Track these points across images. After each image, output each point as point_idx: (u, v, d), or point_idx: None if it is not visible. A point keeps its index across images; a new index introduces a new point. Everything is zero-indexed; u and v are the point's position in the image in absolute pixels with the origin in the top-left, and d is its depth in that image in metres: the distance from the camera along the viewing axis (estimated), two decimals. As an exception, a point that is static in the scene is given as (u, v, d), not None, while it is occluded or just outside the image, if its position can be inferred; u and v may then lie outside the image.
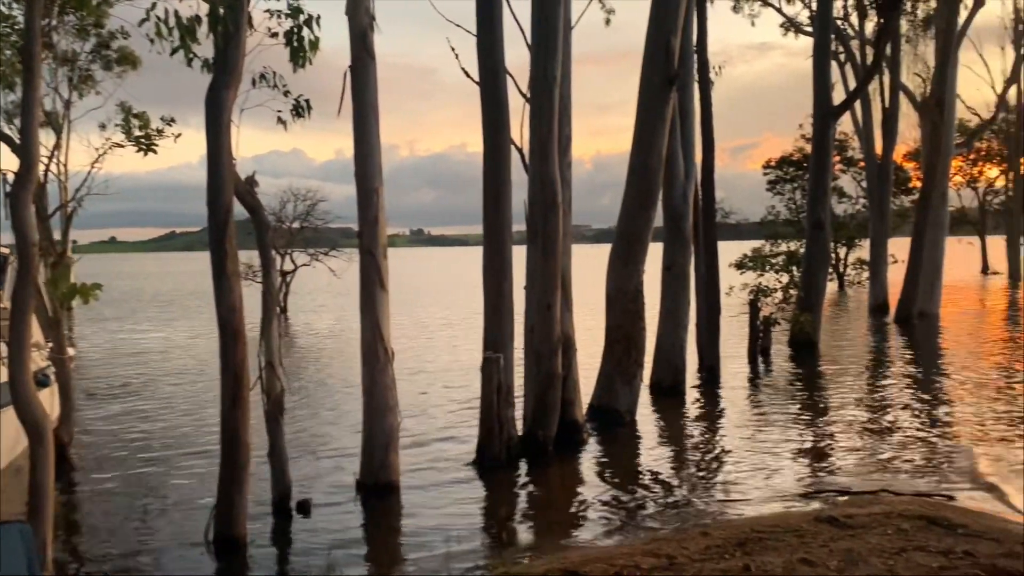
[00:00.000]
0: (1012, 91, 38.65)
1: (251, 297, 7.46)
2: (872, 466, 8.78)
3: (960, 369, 15.17)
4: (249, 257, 12.12)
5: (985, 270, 47.64)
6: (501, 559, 6.29)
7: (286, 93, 7.41)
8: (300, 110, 7.45)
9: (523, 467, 8.87)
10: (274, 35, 7.17)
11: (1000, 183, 47.24)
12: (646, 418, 11.31)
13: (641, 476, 8.73)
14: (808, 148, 23.74)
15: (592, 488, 8.26)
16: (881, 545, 5.86)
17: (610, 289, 11.07)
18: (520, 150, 9.65)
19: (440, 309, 30.22)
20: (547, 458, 9.09)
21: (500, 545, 6.72)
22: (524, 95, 9.58)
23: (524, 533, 7.16)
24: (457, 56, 10.19)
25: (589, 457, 9.50)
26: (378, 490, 7.70)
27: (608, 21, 19.46)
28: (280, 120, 7.51)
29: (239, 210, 6.94)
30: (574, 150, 10.15)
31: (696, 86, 13.38)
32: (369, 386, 7.73)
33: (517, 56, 9.67)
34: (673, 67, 10.61)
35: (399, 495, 7.78)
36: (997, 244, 45.67)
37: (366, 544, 6.84)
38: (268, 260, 7.37)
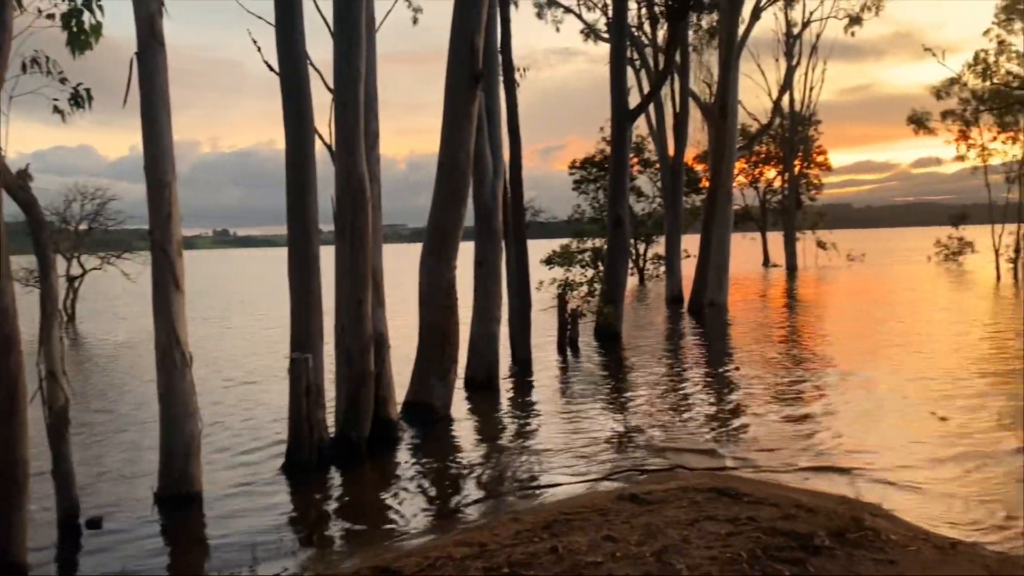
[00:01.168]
0: (785, 98, 42.58)
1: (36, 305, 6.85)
2: (670, 444, 9.37)
3: (745, 352, 16.53)
4: (32, 261, 11.09)
5: (766, 263, 52.10)
6: (311, 563, 6.15)
7: (63, 80, 6.85)
8: (79, 100, 6.90)
9: (335, 469, 8.70)
10: (50, 16, 6.61)
11: (778, 183, 51.85)
12: (461, 412, 11.44)
13: (456, 470, 8.82)
14: (609, 150, 24.95)
15: (407, 485, 8.25)
16: (677, 517, 6.27)
17: (423, 286, 11.10)
18: (329, 146, 9.48)
19: (247, 310, 29.00)
20: (361, 458, 8.96)
21: (311, 549, 6.56)
22: (331, 89, 9.41)
23: (337, 535, 7.02)
24: (259, 49, 9.87)
25: (404, 455, 9.47)
26: (178, 502, 7.29)
27: (415, 20, 19.49)
28: (57, 109, 6.94)
29: (16, 210, 6.36)
30: (388, 149, 10.16)
31: (502, 86, 13.69)
32: (165, 393, 7.29)
33: (327, 51, 9.48)
34: (478, 65, 10.79)
35: (201, 505, 7.40)
36: (777, 239, 50.08)
37: (166, 558, 6.45)
38: (46, 261, 6.76)
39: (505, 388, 13.23)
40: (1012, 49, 32.89)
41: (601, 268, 20.17)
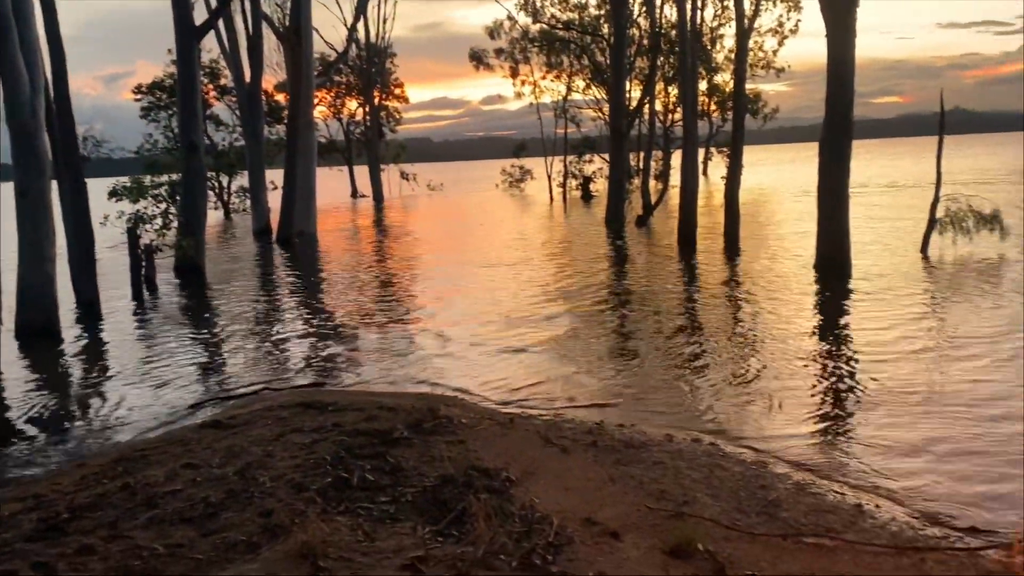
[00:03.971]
0: (361, 31, 43.09)
1: None
2: (258, 372, 9.18)
3: (336, 279, 16.80)
4: None
5: (354, 194, 53.07)
6: None
7: None
8: None
9: None
10: None
11: (360, 115, 52.67)
12: (14, 367, 9.95)
13: (6, 431, 7.67)
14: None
15: (-60, 452, 6.97)
16: (262, 435, 6.18)
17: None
18: None
19: None
20: None
21: None
22: None
23: None
24: None
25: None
26: None
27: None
28: None
29: None
30: None
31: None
32: None
33: None
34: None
35: None
36: (363, 172, 51.15)
37: None
38: None
39: (70, 335, 11.76)
40: (555, -6, 36.96)
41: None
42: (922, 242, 15.58)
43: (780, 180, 47.93)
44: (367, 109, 48.96)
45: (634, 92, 33.15)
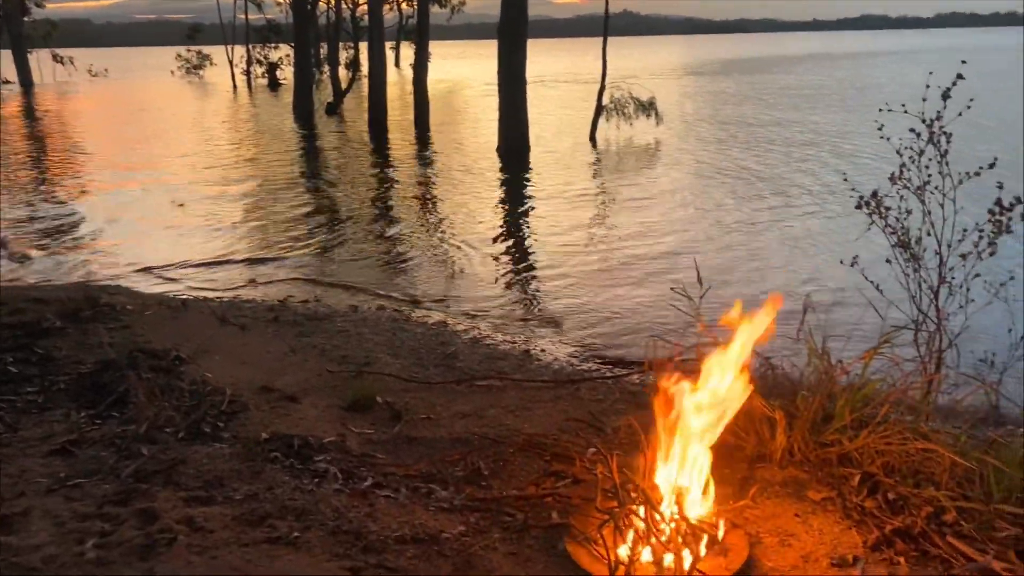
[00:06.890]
0: None
1: None
2: None
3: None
4: None
5: (-4, 81, 45.54)
6: None
7: None
8: None
9: None
10: None
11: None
12: None
13: None
14: None
15: None
16: None
17: None
18: None
19: None
20: None
21: None
22: None
23: None
24: None
25: None
26: None
27: None
28: None
29: None
30: None
31: None
32: None
33: None
34: None
35: None
36: (6, 56, 43.84)
37: None
38: None
39: None
40: None
41: None
42: (591, 128, 16.85)
43: (470, 73, 48.91)
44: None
45: (319, -26, 31.51)
